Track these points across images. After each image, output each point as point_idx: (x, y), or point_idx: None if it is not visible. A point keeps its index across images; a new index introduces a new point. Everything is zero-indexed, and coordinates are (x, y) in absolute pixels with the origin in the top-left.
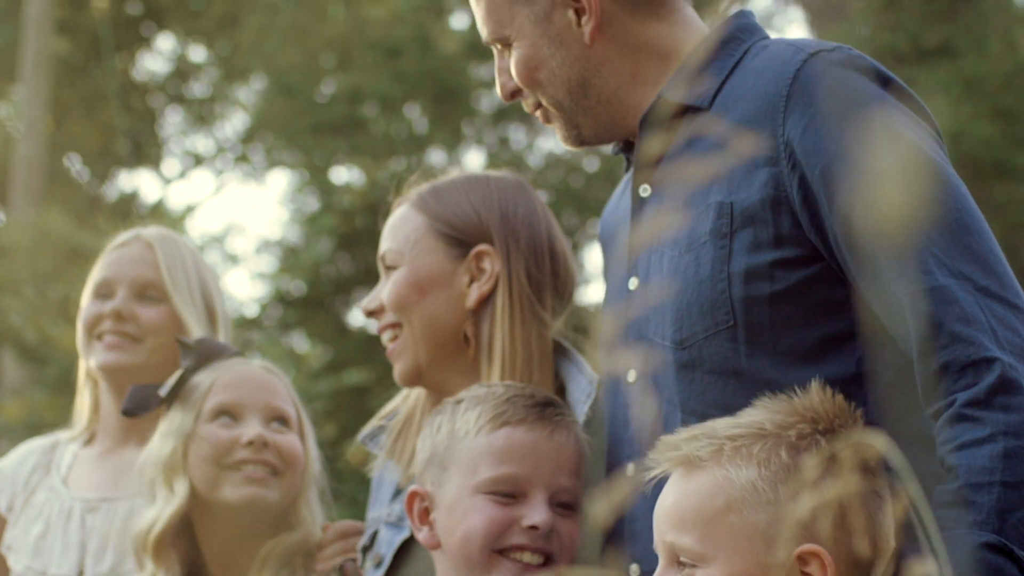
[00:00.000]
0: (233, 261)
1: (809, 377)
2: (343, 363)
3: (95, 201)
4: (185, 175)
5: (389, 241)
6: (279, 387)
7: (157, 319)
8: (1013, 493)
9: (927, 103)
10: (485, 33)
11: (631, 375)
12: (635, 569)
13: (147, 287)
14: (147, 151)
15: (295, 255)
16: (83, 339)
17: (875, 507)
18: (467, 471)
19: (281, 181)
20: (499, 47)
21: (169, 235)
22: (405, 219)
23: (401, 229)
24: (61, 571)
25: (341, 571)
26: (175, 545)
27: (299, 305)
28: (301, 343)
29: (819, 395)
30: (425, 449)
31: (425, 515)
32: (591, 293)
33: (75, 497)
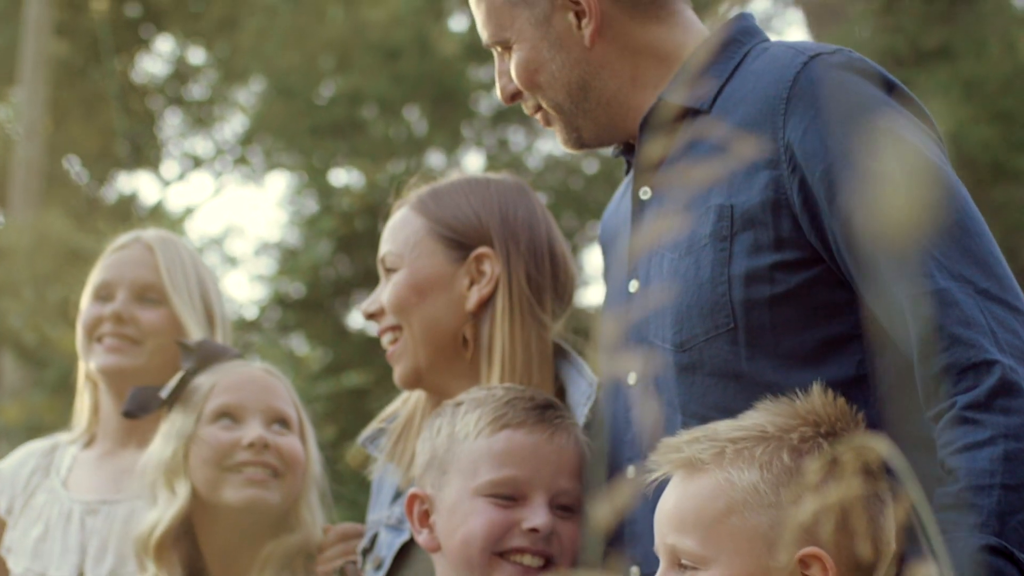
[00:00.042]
0: (232, 263)
1: (809, 380)
2: (342, 365)
3: (94, 203)
4: (184, 177)
5: (389, 244)
6: (280, 389)
7: (157, 321)
8: (1013, 496)
9: (926, 105)
10: (485, 36)
11: (631, 378)
12: (636, 571)
13: (147, 289)
14: (146, 153)
15: (294, 257)
16: (83, 341)
17: (876, 510)
18: (467, 474)
19: (280, 183)
20: (499, 50)
21: (169, 237)
22: (405, 222)
23: (401, 232)
24: (61, 573)
25: (341, 573)
26: (176, 547)
27: (298, 307)
28: (300, 345)
29: (820, 398)
30: (425, 452)
31: (425, 518)
32: (591, 295)
33: (75, 499)
